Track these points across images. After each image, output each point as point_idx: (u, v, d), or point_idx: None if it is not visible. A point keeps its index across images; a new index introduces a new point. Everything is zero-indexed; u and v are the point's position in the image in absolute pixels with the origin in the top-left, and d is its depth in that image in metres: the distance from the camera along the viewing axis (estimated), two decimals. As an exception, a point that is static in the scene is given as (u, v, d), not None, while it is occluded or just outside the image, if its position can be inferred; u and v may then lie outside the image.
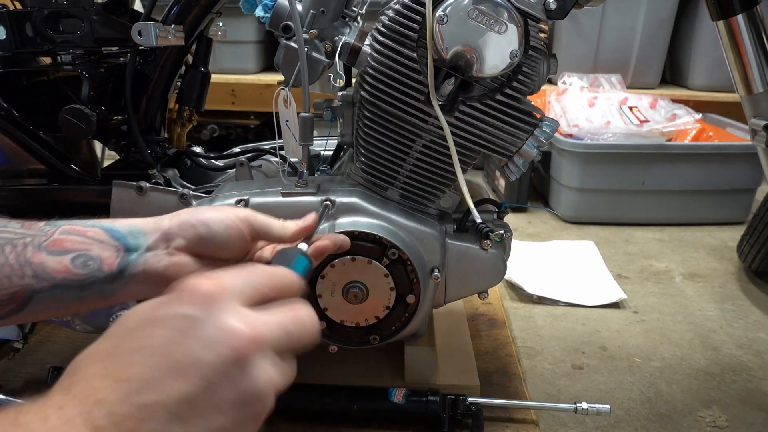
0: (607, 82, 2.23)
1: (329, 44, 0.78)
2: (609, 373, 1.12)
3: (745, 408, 1.03)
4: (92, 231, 0.57)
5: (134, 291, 0.57)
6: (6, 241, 0.55)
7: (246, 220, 0.59)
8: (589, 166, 1.81)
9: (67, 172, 0.88)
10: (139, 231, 0.58)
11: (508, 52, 0.71)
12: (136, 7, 1.02)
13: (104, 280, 0.55)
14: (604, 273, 1.51)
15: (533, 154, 0.78)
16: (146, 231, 0.58)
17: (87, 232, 0.57)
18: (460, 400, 0.88)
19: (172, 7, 0.85)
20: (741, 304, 1.39)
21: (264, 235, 0.61)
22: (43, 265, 0.54)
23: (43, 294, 0.54)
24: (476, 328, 1.18)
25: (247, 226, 0.59)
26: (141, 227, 0.58)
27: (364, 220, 0.79)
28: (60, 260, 0.55)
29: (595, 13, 2.25)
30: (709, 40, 2.25)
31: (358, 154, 0.82)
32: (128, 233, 0.58)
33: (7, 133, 0.87)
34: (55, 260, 0.54)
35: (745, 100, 0.85)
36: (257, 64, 2.37)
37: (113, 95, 0.88)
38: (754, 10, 0.79)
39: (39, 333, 1.11)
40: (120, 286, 0.56)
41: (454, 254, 0.82)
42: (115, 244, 0.57)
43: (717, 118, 2.12)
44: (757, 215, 1.42)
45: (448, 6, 0.70)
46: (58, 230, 0.57)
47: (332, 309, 0.81)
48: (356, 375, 0.96)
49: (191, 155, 0.99)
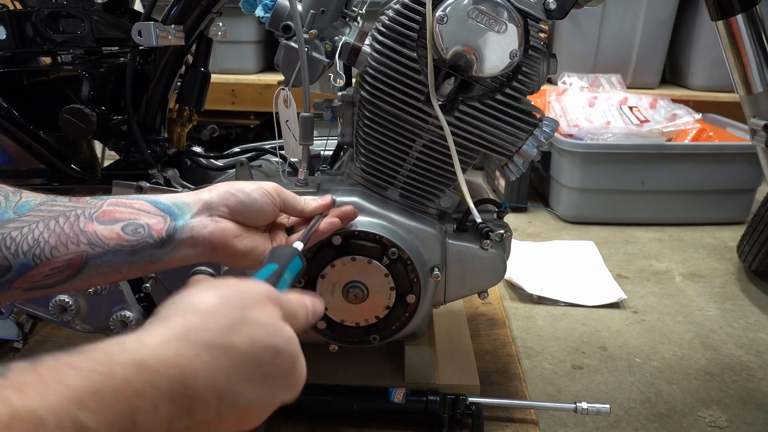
0: (607, 82, 2.23)
1: (329, 44, 0.78)
2: (609, 373, 1.12)
3: (745, 408, 1.03)
4: (138, 203, 0.61)
5: (182, 255, 0.61)
6: (59, 213, 0.58)
7: (276, 192, 0.66)
8: (589, 166, 1.81)
9: (67, 172, 0.89)
10: (183, 202, 0.63)
11: (508, 52, 0.71)
12: (136, 7, 1.02)
13: (154, 245, 0.59)
14: (604, 273, 1.51)
15: (533, 154, 0.78)
16: (189, 202, 0.63)
17: (133, 204, 0.61)
18: (460, 399, 0.88)
19: (172, 7, 0.85)
20: (741, 304, 1.39)
21: (290, 207, 0.68)
22: (96, 233, 0.58)
23: (97, 259, 0.58)
24: (476, 328, 1.18)
25: (278, 196, 0.66)
26: (183, 199, 0.63)
27: (364, 219, 0.79)
28: (111, 228, 0.58)
29: (595, 13, 2.25)
30: (709, 40, 2.25)
31: (358, 153, 0.82)
32: (172, 204, 0.62)
33: (7, 132, 0.87)
34: (107, 228, 0.58)
35: (744, 100, 0.85)
36: (257, 64, 2.37)
37: (113, 95, 0.88)
38: (754, 10, 0.79)
39: (39, 333, 1.11)
40: (169, 250, 0.60)
41: (454, 254, 0.82)
42: (161, 214, 0.61)
43: (717, 118, 2.12)
44: (757, 215, 1.42)
45: (448, 6, 0.70)
46: (106, 203, 0.60)
47: (332, 309, 0.81)
48: (356, 375, 0.96)
49: (191, 155, 0.99)
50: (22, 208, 0.57)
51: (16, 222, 0.56)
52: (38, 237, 0.56)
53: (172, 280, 0.86)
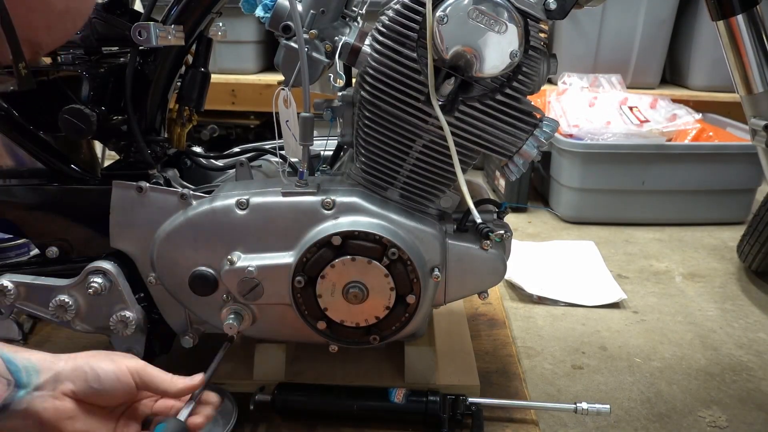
0: (607, 82, 2.23)
1: (329, 44, 0.78)
2: (609, 373, 1.12)
3: (745, 408, 1.03)
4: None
5: (10, 425, 0.60)
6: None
7: (137, 373, 0.65)
8: (589, 166, 1.81)
9: (67, 172, 0.88)
10: (34, 368, 0.61)
11: (508, 52, 0.71)
12: (136, 7, 1.02)
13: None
14: (604, 273, 1.51)
15: (533, 154, 0.78)
16: (42, 369, 0.61)
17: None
18: (460, 400, 0.88)
19: (172, 7, 0.84)
20: (741, 304, 1.39)
21: (153, 388, 0.67)
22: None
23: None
24: (476, 328, 1.18)
25: (139, 378, 0.65)
26: (37, 365, 0.62)
27: (364, 219, 0.79)
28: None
29: (595, 13, 2.25)
30: (709, 40, 2.25)
31: (358, 154, 0.82)
32: (24, 368, 0.61)
33: (7, 133, 0.86)
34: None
35: (745, 100, 0.85)
36: (257, 64, 2.37)
37: (113, 95, 0.88)
38: (754, 10, 0.79)
39: (39, 333, 1.11)
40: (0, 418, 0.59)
41: (454, 254, 0.82)
42: (8, 377, 0.59)
43: (717, 118, 2.12)
44: (757, 215, 1.42)
45: (448, 6, 0.70)
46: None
47: (332, 309, 0.81)
48: (356, 375, 0.96)
49: (191, 155, 0.99)
50: None
51: None
52: None
53: (172, 280, 0.86)
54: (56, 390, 0.61)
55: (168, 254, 0.84)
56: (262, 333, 0.90)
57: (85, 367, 0.63)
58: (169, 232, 0.83)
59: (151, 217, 0.84)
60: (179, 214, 0.83)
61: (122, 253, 0.87)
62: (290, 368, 0.95)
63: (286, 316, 0.84)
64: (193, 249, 0.83)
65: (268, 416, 0.89)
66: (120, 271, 0.85)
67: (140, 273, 0.87)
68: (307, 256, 0.79)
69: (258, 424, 0.88)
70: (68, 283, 0.86)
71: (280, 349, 0.93)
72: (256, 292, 0.81)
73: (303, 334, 0.85)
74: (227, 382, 0.92)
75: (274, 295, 0.82)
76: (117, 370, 0.64)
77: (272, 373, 0.93)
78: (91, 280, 0.84)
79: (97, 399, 0.63)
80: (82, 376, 0.62)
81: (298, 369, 0.97)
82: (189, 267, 0.83)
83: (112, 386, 0.63)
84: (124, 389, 0.64)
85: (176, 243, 0.83)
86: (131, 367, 0.65)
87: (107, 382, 0.63)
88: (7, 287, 0.85)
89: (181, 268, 0.84)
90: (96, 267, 0.84)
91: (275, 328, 0.87)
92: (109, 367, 0.64)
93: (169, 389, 0.68)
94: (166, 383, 0.67)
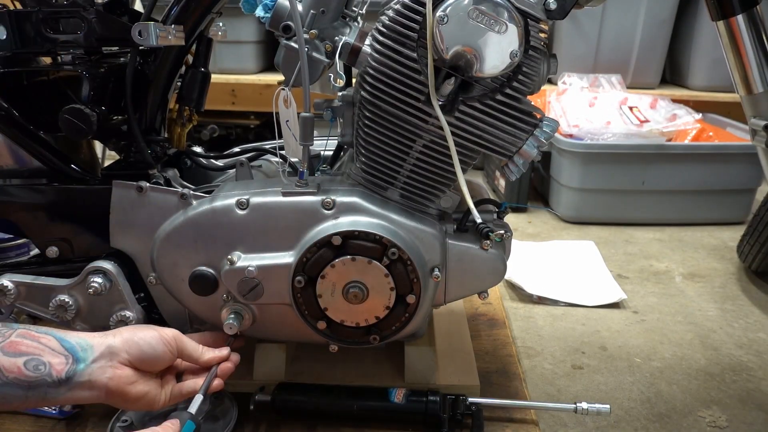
0: (607, 82, 2.23)
1: (329, 44, 0.78)
2: (609, 373, 1.12)
3: (745, 408, 1.03)
4: (45, 338, 0.65)
5: (77, 396, 0.66)
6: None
7: (176, 340, 0.74)
8: (589, 166, 1.81)
9: (67, 172, 0.88)
10: (88, 344, 0.68)
11: (508, 52, 0.71)
12: (136, 7, 1.02)
13: (51, 384, 0.63)
14: (604, 273, 1.51)
15: (533, 154, 0.78)
16: (93, 344, 0.68)
17: (41, 338, 0.65)
18: (460, 400, 0.88)
19: (172, 7, 0.84)
20: (741, 304, 1.39)
21: (187, 355, 0.76)
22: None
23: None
24: (476, 328, 1.18)
25: (176, 345, 0.74)
26: (89, 341, 0.68)
27: (364, 219, 0.79)
28: (14, 361, 0.62)
29: (595, 13, 2.25)
30: (709, 40, 2.25)
31: (358, 154, 0.82)
32: (77, 344, 0.67)
33: (8, 132, 0.87)
34: (9, 361, 0.62)
35: (745, 100, 0.85)
36: (257, 64, 2.37)
37: (113, 95, 0.88)
38: (754, 10, 0.79)
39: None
40: (64, 391, 0.64)
41: (454, 254, 0.82)
42: (65, 353, 0.65)
43: (717, 118, 2.12)
44: (757, 215, 1.42)
45: (448, 6, 0.70)
46: (15, 333, 0.64)
47: (332, 309, 0.81)
48: (356, 375, 0.96)
49: (191, 155, 0.99)
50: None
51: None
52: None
53: (172, 280, 0.86)
54: (113, 360, 0.68)
55: (168, 254, 0.84)
56: (262, 333, 0.89)
57: (135, 338, 0.71)
58: (169, 232, 0.83)
59: (151, 217, 0.84)
60: (179, 214, 0.83)
61: (122, 252, 0.87)
62: (290, 368, 0.95)
63: (287, 316, 0.84)
64: (193, 249, 0.83)
65: (268, 416, 0.89)
66: (120, 271, 0.85)
67: (140, 273, 0.87)
68: (307, 256, 0.79)
69: (258, 424, 0.88)
70: (68, 282, 0.86)
71: (280, 349, 0.93)
72: (256, 292, 0.81)
73: (303, 334, 0.85)
74: (227, 382, 0.92)
75: (274, 295, 0.82)
76: (160, 337, 0.72)
77: (272, 373, 0.93)
78: (92, 280, 0.84)
79: (149, 365, 0.72)
80: (134, 346, 0.70)
81: (298, 369, 0.97)
82: (189, 267, 0.83)
83: (163, 351, 0.72)
84: (170, 352, 0.73)
85: (176, 243, 0.83)
86: (170, 335, 0.74)
87: (158, 348, 0.72)
88: (8, 287, 0.85)
89: (181, 268, 0.84)
90: (96, 267, 0.84)
91: (275, 328, 0.88)
92: (154, 336, 0.72)
93: (199, 359, 0.77)
94: (197, 353, 0.77)
